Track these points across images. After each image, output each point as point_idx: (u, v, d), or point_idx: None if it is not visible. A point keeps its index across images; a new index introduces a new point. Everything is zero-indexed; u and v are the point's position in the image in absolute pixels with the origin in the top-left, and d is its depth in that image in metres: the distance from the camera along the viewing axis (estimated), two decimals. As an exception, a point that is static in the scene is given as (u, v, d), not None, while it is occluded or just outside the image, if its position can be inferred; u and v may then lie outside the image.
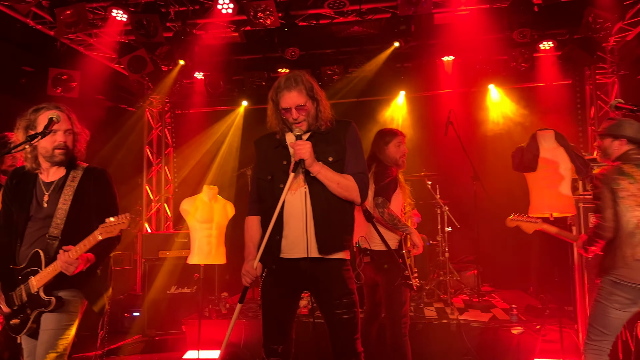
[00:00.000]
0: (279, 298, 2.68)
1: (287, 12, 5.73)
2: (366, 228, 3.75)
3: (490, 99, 7.33)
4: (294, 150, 2.54)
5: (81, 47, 6.42)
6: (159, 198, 8.11)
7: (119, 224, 2.63)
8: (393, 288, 3.65)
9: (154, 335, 5.92)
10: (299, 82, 2.61)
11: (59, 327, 2.67)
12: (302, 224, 2.56)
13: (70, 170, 2.86)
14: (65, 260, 2.58)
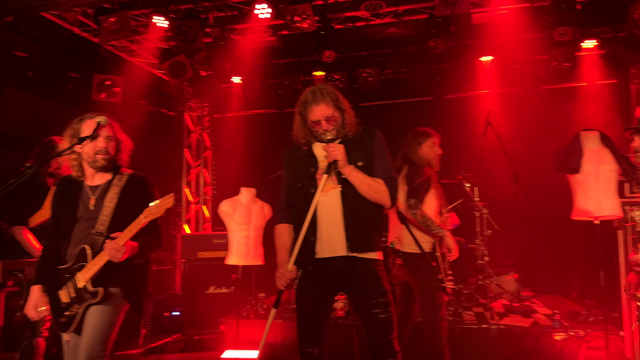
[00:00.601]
0: (313, 301, 2.73)
1: (324, 15, 5.76)
2: (400, 230, 3.75)
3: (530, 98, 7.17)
4: (328, 152, 2.63)
5: (124, 53, 6.62)
6: (197, 200, 8.27)
7: (163, 204, 2.75)
8: (427, 291, 3.62)
9: (193, 335, 6.04)
10: (325, 94, 2.72)
11: (102, 323, 2.75)
12: (334, 223, 2.64)
13: (115, 174, 2.99)
14: (112, 247, 2.66)
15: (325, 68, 7.05)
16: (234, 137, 7.90)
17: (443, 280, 3.63)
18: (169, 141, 7.95)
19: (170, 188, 7.96)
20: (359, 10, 5.58)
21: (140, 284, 3.01)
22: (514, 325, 4.81)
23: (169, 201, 2.75)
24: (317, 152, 2.80)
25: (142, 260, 2.94)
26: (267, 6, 5.49)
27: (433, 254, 3.68)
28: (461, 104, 7.45)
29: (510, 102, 7.13)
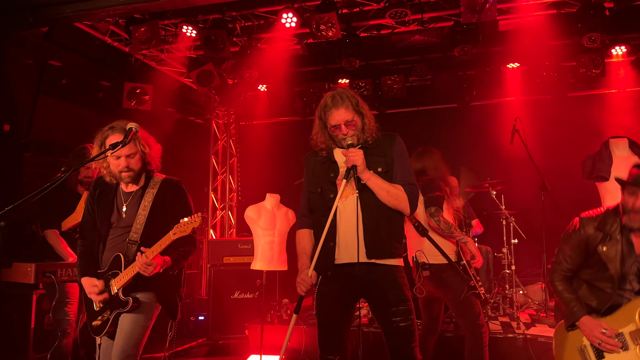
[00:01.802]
0: (333, 307, 2.72)
1: (349, 23, 5.81)
2: (421, 243, 3.72)
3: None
4: (347, 157, 2.62)
5: (153, 62, 6.78)
6: (223, 206, 8.38)
7: (191, 223, 2.77)
8: (462, 301, 3.57)
9: (217, 339, 6.10)
10: (345, 99, 2.72)
11: (134, 327, 2.81)
12: (352, 229, 2.61)
13: (148, 181, 3.04)
14: (143, 261, 2.72)
15: (350, 75, 7.09)
16: (260, 144, 8.00)
17: (475, 286, 3.60)
18: (196, 148, 8.09)
19: (197, 194, 8.18)
20: (384, 18, 5.60)
21: (175, 290, 3.07)
22: (541, 335, 4.73)
23: (197, 220, 2.78)
24: (338, 158, 2.79)
25: (176, 271, 3.00)
26: (293, 15, 5.56)
27: (459, 262, 3.66)
28: (487, 111, 7.40)
29: (538, 110, 7.04)
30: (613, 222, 2.62)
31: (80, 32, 5.70)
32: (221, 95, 7.31)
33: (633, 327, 2.46)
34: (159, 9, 4.47)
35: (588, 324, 2.60)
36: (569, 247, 2.77)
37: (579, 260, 2.73)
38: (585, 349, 2.62)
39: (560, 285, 2.79)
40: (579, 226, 2.74)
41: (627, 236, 2.58)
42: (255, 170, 8.05)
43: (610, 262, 2.58)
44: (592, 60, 6.12)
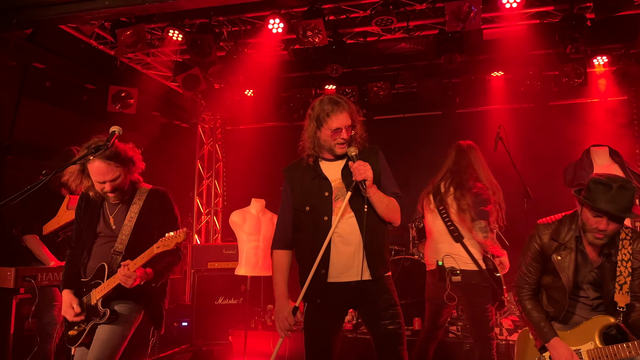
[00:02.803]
0: (325, 323, 2.70)
1: (335, 30, 5.84)
2: (452, 248, 3.63)
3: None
4: (355, 170, 2.55)
5: (139, 65, 6.75)
6: (208, 211, 8.34)
7: (175, 238, 2.74)
8: (483, 310, 3.53)
9: (201, 345, 6.05)
10: (347, 104, 2.68)
11: (111, 337, 2.78)
12: (352, 248, 2.60)
13: (135, 192, 3.01)
14: (123, 273, 2.69)
15: (337, 82, 7.12)
16: (246, 149, 7.98)
17: (504, 301, 3.59)
18: (182, 152, 8.04)
19: (182, 199, 8.12)
20: (370, 25, 5.64)
21: (158, 300, 3.05)
22: (523, 341, 4.77)
23: (181, 236, 2.75)
24: (328, 173, 2.70)
25: (160, 283, 2.96)
26: (279, 21, 5.58)
27: (493, 272, 3.59)
28: (471, 119, 7.47)
29: (521, 118, 7.13)
30: (568, 230, 2.61)
31: (65, 35, 5.64)
32: (207, 99, 7.29)
33: (591, 346, 2.45)
34: (145, 12, 4.45)
35: (558, 348, 2.55)
36: (529, 256, 2.78)
37: (540, 268, 2.73)
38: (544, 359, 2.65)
39: (529, 304, 2.76)
40: (534, 233, 2.75)
41: (581, 246, 2.57)
42: (241, 175, 8.03)
43: (562, 271, 2.57)
44: (574, 69, 6.22)
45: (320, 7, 5.42)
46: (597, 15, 4.86)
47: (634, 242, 2.50)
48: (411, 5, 5.51)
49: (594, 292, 2.57)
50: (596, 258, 2.56)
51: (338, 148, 2.67)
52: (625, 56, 6.26)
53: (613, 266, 2.48)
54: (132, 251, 2.84)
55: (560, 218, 2.72)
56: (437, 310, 3.80)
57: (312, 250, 2.60)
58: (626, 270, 2.46)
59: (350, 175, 2.61)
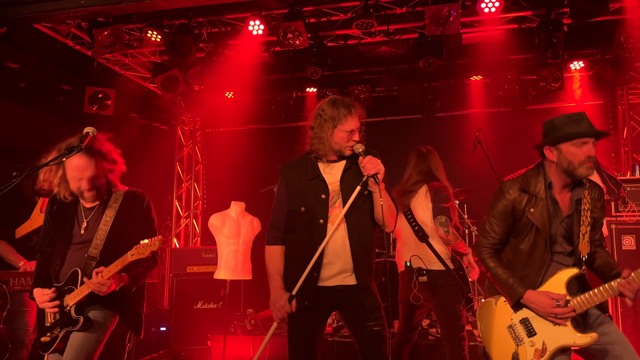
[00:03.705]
0: (310, 323, 2.69)
1: (316, 32, 5.84)
2: (419, 248, 3.69)
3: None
4: (368, 164, 2.55)
5: (117, 66, 6.65)
6: (188, 214, 8.25)
7: (150, 246, 2.69)
8: (452, 310, 3.56)
9: (179, 350, 5.97)
10: (358, 107, 2.73)
11: (85, 341, 2.72)
12: (340, 255, 2.62)
13: (110, 195, 2.93)
14: (97, 281, 2.63)
15: (318, 84, 7.12)
16: (226, 152, 7.91)
17: (472, 299, 3.60)
18: (161, 155, 7.94)
19: (161, 201, 8.01)
20: (351, 28, 5.65)
21: (137, 305, 2.99)
22: (502, 343, 4.80)
23: (156, 244, 2.70)
24: (327, 176, 2.71)
25: (135, 288, 2.91)
26: (260, 23, 5.55)
27: (458, 271, 3.64)
28: (451, 122, 7.55)
29: (500, 121, 7.23)
30: (536, 181, 2.55)
31: (41, 35, 5.54)
32: (187, 101, 7.22)
33: None
34: (122, 12, 4.39)
35: (535, 298, 2.42)
36: (494, 215, 2.62)
37: (506, 228, 2.59)
38: (515, 327, 2.50)
39: (492, 262, 2.58)
40: (502, 191, 2.63)
41: (551, 194, 2.52)
42: (221, 178, 7.97)
43: (538, 223, 2.47)
44: (551, 74, 6.32)
45: (301, 9, 5.41)
46: (573, 21, 4.95)
47: (592, 191, 2.52)
48: (391, 8, 5.54)
49: (568, 246, 2.51)
50: (566, 207, 2.53)
51: (348, 149, 2.69)
52: (601, 61, 6.38)
53: (579, 215, 2.46)
54: (107, 256, 2.77)
55: (524, 172, 2.68)
56: (409, 312, 3.84)
57: (304, 251, 2.61)
58: (587, 220, 2.45)
59: (349, 180, 2.66)
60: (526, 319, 2.48)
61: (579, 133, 2.43)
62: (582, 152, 2.42)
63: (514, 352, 2.45)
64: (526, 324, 2.47)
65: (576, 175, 2.45)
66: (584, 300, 2.37)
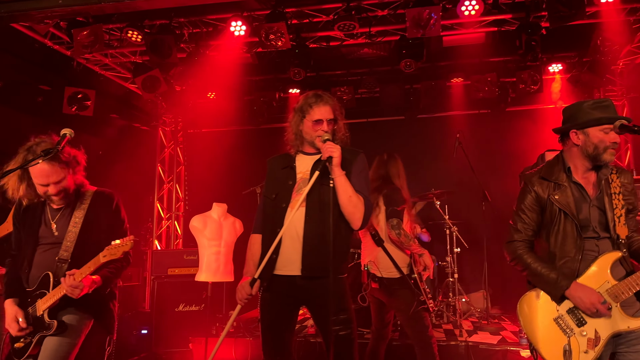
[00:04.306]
0: (276, 314, 2.72)
1: (298, 34, 5.84)
2: (375, 252, 3.74)
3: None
4: (325, 149, 2.59)
5: (97, 66, 6.57)
6: (169, 215, 8.18)
7: (122, 247, 2.67)
8: (412, 315, 3.61)
9: (161, 353, 5.91)
10: (330, 99, 2.78)
11: (60, 345, 2.68)
12: (294, 242, 2.63)
13: (78, 196, 2.89)
14: (69, 284, 2.60)
15: (300, 86, 7.13)
16: (208, 153, 7.87)
17: (425, 301, 3.64)
18: (142, 156, 7.87)
19: (142, 203, 7.92)
20: (333, 30, 5.67)
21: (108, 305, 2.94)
22: (482, 342, 4.86)
23: (128, 244, 2.68)
24: (298, 164, 2.79)
25: (108, 289, 2.88)
26: (242, 23, 5.54)
27: (410, 275, 3.69)
28: (432, 124, 7.63)
29: (480, 123, 7.32)
30: (557, 169, 2.54)
31: (18, 34, 5.44)
32: (168, 101, 7.16)
33: (608, 285, 2.32)
34: (101, 12, 4.33)
35: (581, 291, 2.33)
36: (522, 208, 2.57)
37: (536, 218, 2.54)
38: (563, 318, 2.39)
39: (529, 258, 2.50)
40: (525, 183, 2.60)
41: (573, 179, 2.49)
42: (203, 179, 7.91)
43: (566, 208, 2.43)
44: (530, 76, 6.42)
45: (283, 10, 5.42)
46: (551, 24, 5.02)
47: (621, 175, 2.50)
48: (373, 11, 5.57)
49: (602, 231, 2.43)
50: (591, 190, 2.49)
51: (318, 140, 2.70)
52: (579, 64, 6.49)
53: (610, 198, 2.43)
54: (78, 258, 2.73)
55: (543, 165, 2.67)
56: (378, 309, 3.94)
57: (270, 236, 2.66)
58: (620, 203, 2.42)
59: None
60: (574, 307, 2.37)
61: (609, 118, 2.41)
62: (609, 137, 2.41)
63: (565, 345, 2.33)
64: (575, 313, 2.38)
65: (600, 160, 2.43)
66: (631, 283, 2.30)
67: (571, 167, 2.51)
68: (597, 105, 2.46)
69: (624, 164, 6.80)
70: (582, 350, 2.31)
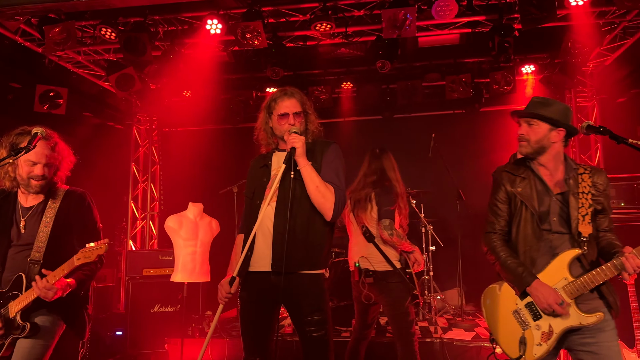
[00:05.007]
0: (255, 311, 2.70)
1: (275, 33, 5.83)
2: (367, 249, 3.74)
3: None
4: (289, 140, 2.61)
5: (69, 64, 6.45)
6: (144, 216, 8.07)
7: (96, 249, 2.64)
8: (401, 308, 3.61)
9: (136, 355, 5.85)
10: (295, 93, 2.78)
11: (33, 347, 2.65)
12: (265, 238, 2.63)
13: (49, 195, 2.86)
14: (42, 286, 2.56)
15: (278, 85, 7.10)
16: (183, 152, 7.80)
17: (418, 296, 3.67)
18: (116, 155, 7.75)
19: (116, 203, 7.80)
20: (310, 29, 5.67)
21: (81, 308, 2.91)
22: (456, 339, 4.94)
23: (102, 247, 2.65)
24: (274, 161, 2.79)
25: (82, 292, 2.84)
26: (218, 22, 5.51)
27: (405, 270, 3.70)
28: (408, 124, 7.71)
29: (454, 123, 7.43)
30: (522, 165, 2.67)
31: (-13, 30, 5.32)
32: (143, 100, 7.06)
33: (565, 282, 2.40)
34: (73, 9, 4.27)
35: (542, 290, 2.42)
36: (494, 200, 2.70)
37: (508, 210, 2.66)
38: (521, 311, 2.50)
39: (503, 252, 2.59)
40: (495, 177, 2.75)
41: (537, 174, 2.60)
42: (179, 178, 7.84)
43: (527, 201, 2.54)
44: (504, 77, 6.54)
45: (260, 9, 5.40)
46: (524, 26, 5.11)
47: (594, 176, 2.56)
48: (350, 11, 5.60)
49: (559, 226, 2.51)
50: (554, 185, 2.57)
51: (287, 135, 2.69)
52: (551, 65, 6.63)
53: (576, 197, 2.50)
54: (51, 259, 2.70)
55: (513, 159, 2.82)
56: (363, 310, 3.90)
57: (247, 234, 2.66)
58: (587, 202, 2.48)
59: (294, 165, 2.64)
60: (531, 302, 2.47)
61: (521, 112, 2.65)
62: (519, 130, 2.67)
63: (520, 337, 2.45)
64: (532, 307, 2.47)
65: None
66: (586, 280, 2.37)
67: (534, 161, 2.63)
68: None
69: (594, 163, 6.97)
70: (535, 342, 2.42)
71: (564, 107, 2.58)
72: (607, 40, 6.05)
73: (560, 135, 2.55)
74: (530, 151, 2.58)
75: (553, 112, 2.54)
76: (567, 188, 2.54)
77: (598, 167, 2.77)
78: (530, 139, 2.56)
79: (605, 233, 2.54)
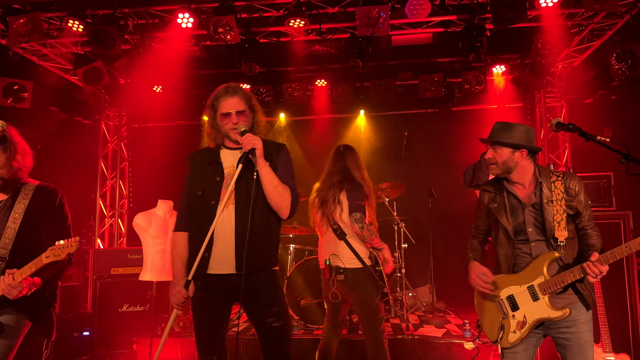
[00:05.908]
0: (211, 312, 2.68)
1: (248, 28, 5.76)
2: (337, 246, 3.72)
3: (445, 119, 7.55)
4: (245, 141, 2.57)
5: (35, 57, 6.25)
6: (113, 213, 7.90)
7: (66, 248, 2.58)
8: (371, 305, 3.62)
9: (103, 356, 5.73)
10: (239, 90, 2.74)
11: None
12: (226, 240, 2.59)
13: (19, 189, 2.77)
14: (8, 283, 2.49)
15: (251, 81, 7.04)
16: (153, 148, 7.64)
17: (388, 294, 3.68)
18: (83, 151, 7.56)
19: (83, 200, 7.61)
20: (283, 25, 5.63)
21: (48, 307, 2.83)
22: (428, 336, 4.97)
23: (73, 246, 2.59)
24: (224, 159, 2.74)
25: (48, 291, 2.77)
26: (189, 15, 5.41)
27: (375, 267, 3.71)
28: (382, 122, 7.74)
29: (427, 122, 7.49)
30: (498, 183, 2.90)
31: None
32: (112, 95, 6.87)
33: (542, 279, 2.67)
34: (39, -1, 4.12)
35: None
36: (477, 210, 3.04)
37: (486, 221, 2.97)
38: (502, 302, 2.79)
39: (470, 250, 3.02)
40: (479, 193, 3.04)
41: (511, 191, 2.81)
42: (149, 175, 7.69)
43: (500, 216, 2.80)
44: (475, 77, 6.61)
45: (232, 4, 5.33)
46: (495, 26, 5.17)
47: (566, 180, 2.76)
48: (324, 8, 5.57)
49: (536, 235, 2.75)
50: (526, 198, 2.78)
51: (233, 133, 2.68)
52: (521, 66, 6.74)
53: (549, 206, 2.71)
54: (17, 256, 2.61)
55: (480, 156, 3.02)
56: (334, 308, 3.89)
57: (201, 235, 2.58)
58: (561, 208, 2.71)
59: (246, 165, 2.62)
60: (512, 295, 2.77)
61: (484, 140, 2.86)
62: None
63: (500, 324, 2.79)
64: (511, 299, 2.77)
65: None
66: (558, 279, 2.63)
67: (507, 178, 2.83)
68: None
69: (561, 162, 7.12)
70: (511, 330, 2.77)
71: (525, 129, 2.76)
72: (575, 41, 6.18)
73: (523, 155, 2.74)
74: (500, 172, 2.79)
75: (513, 136, 2.73)
76: (540, 198, 2.75)
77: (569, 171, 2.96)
78: (497, 162, 2.77)
79: (585, 231, 2.77)
